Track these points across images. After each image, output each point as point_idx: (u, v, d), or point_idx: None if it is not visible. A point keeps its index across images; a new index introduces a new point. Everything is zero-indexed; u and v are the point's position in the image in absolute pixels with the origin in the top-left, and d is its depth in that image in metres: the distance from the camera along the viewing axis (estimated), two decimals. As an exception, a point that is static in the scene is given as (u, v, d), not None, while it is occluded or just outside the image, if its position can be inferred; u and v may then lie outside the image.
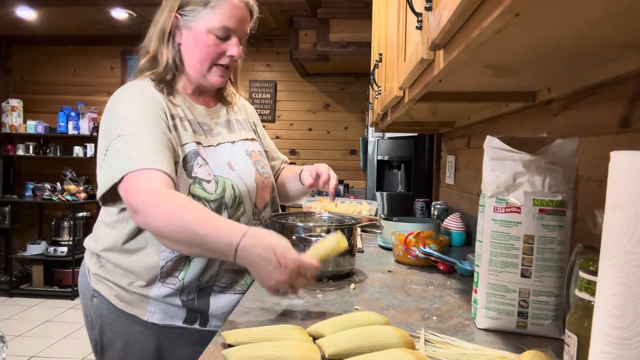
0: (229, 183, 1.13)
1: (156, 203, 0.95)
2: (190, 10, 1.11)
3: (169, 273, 1.09)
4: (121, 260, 1.10)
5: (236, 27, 1.12)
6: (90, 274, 1.15)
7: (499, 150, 0.88)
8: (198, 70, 1.14)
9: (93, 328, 1.14)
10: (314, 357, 0.69)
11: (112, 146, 1.02)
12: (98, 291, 1.13)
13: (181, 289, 1.10)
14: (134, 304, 1.10)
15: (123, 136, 1.02)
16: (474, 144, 2.01)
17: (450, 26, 0.64)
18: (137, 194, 0.96)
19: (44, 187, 4.71)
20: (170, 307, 1.10)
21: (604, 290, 0.42)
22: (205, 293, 1.12)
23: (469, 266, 1.30)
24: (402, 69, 1.13)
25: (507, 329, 0.87)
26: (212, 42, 1.11)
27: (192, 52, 1.12)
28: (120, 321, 1.10)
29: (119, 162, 0.99)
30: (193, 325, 1.11)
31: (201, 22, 1.10)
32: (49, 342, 3.53)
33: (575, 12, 0.57)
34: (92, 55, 5.17)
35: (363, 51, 3.89)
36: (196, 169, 1.09)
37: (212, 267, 1.11)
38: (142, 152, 1.00)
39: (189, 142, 1.11)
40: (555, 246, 0.83)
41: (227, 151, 1.19)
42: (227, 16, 1.10)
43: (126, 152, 1.00)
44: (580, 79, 0.99)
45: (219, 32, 1.10)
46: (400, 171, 3.56)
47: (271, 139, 1.50)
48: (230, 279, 1.15)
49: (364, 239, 1.89)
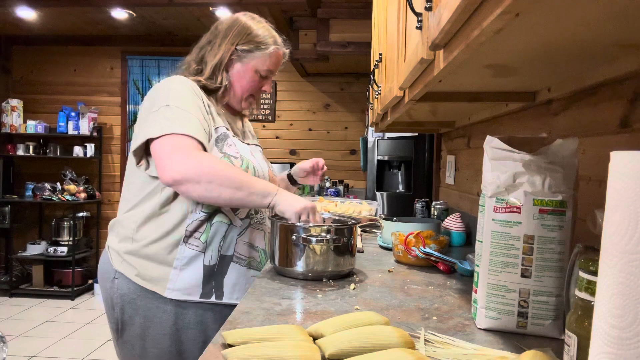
0: (251, 164, 1.30)
1: (208, 156, 1.16)
2: (248, 50, 1.33)
3: (191, 233, 1.22)
4: (153, 224, 1.22)
5: (275, 70, 1.39)
6: (114, 256, 1.26)
7: (499, 150, 0.88)
8: (239, 96, 1.37)
9: (114, 308, 1.24)
10: (314, 357, 0.69)
11: (158, 111, 1.18)
12: (120, 272, 1.23)
13: (204, 251, 1.23)
14: (154, 281, 1.21)
15: (171, 106, 1.18)
16: (474, 144, 2.01)
17: (450, 26, 0.64)
18: (179, 151, 1.13)
19: (44, 187, 4.71)
20: (189, 283, 1.22)
21: (604, 290, 0.42)
22: (226, 261, 1.26)
23: (469, 266, 1.30)
24: (402, 69, 1.13)
25: (507, 329, 0.87)
26: (257, 79, 1.36)
27: (240, 82, 1.35)
28: (140, 298, 1.21)
29: (162, 123, 1.16)
30: (209, 299, 1.24)
31: (253, 62, 1.34)
32: (49, 342, 3.53)
33: (575, 12, 0.57)
34: (92, 55, 5.17)
35: (363, 51, 3.89)
36: (226, 147, 1.27)
37: (230, 234, 1.27)
38: (184, 121, 1.17)
39: (221, 126, 1.29)
40: (555, 246, 0.83)
41: (246, 146, 1.38)
42: (273, 63, 1.36)
43: (170, 117, 1.16)
44: (580, 79, 0.99)
45: (264, 73, 1.36)
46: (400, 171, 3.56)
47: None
48: (246, 252, 1.30)
49: (364, 239, 1.89)
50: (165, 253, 1.22)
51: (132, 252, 1.23)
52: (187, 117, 1.18)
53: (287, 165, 4.67)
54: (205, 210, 1.23)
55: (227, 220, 1.26)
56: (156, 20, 4.38)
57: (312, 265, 1.20)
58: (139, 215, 1.24)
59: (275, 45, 1.36)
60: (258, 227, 1.34)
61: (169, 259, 1.22)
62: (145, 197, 1.24)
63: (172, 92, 1.22)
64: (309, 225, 1.20)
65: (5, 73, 5.20)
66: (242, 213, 1.29)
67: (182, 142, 1.14)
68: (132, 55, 5.10)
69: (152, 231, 1.22)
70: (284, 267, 1.23)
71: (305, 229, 1.20)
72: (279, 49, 1.37)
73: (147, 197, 1.24)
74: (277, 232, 1.23)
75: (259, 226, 1.34)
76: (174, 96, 1.20)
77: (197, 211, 1.23)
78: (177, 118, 1.16)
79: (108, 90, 5.20)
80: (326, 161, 1.76)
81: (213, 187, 1.13)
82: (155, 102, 1.21)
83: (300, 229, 1.20)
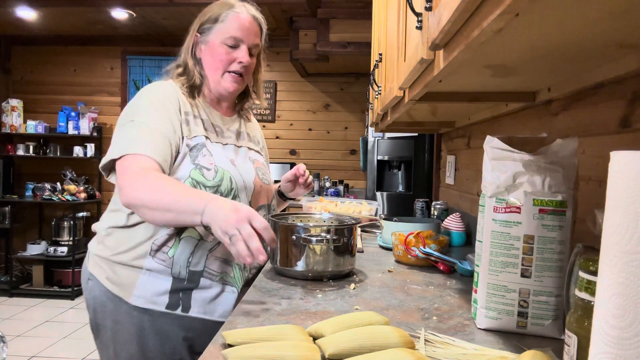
0: (227, 175, 1.22)
1: (140, 178, 1.08)
2: (207, 28, 1.28)
3: (159, 247, 1.18)
4: (122, 234, 1.21)
5: (243, 37, 1.27)
6: (90, 259, 1.26)
7: (499, 150, 0.88)
8: (213, 77, 1.28)
9: (89, 309, 1.25)
10: (314, 357, 0.69)
11: (124, 127, 1.18)
12: (93, 274, 1.23)
13: (171, 266, 1.19)
14: (121, 286, 1.19)
15: (135, 122, 1.16)
16: (474, 144, 2.01)
17: (450, 26, 0.64)
18: (124, 173, 1.10)
19: (44, 187, 4.71)
20: (156, 291, 1.18)
21: (604, 290, 0.42)
22: (196, 276, 1.20)
23: (469, 266, 1.30)
24: (402, 69, 1.13)
25: (507, 329, 0.87)
26: (224, 51, 1.26)
27: (208, 62, 1.28)
28: (109, 302, 1.19)
29: (123, 143, 1.14)
30: (175, 311, 1.18)
31: (214, 36, 1.27)
32: (49, 342, 3.53)
33: (575, 12, 0.57)
34: (92, 55, 5.17)
35: (363, 51, 3.89)
36: (200, 157, 1.21)
37: (200, 249, 1.20)
38: (144, 139, 1.13)
39: (199, 135, 1.23)
40: (555, 246, 0.83)
41: (232, 151, 1.31)
42: (234, 27, 1.26)
43: (131, 136, 1.14)
44: (580, 79, 0.99)
45: (228, 42, 1.26)
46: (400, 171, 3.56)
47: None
48: (219, 268, 1.22)
49: (364, 239, 1.89)
50: (133, 260, 1.19)
51: (103, 256, 1.22)
52: (149, 134, 1.14)
53: (287, 165, 4.67)
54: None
55: (197, 235, 1.19)
56: (156, 20, 4.38)
57: (312, 265, 1.20)
58: (111, 221, 1.24)
59: (231, 11, 1.26)
60: None
61: (137, 265, 1.19)
62: (118, 205, 1.23)
63: (142, 105, 1.20)
64: (309, 225, 1.20)
65: (5, 73, 5.20)
66: None
67: (135, 164, 1.10)
68: (132, 55, 5.10)
69: (120, 241, 1.21)
70: (284, 267, 1.23)
71: (305, 229, 1.20)
72: (238, 13, 1.26)
73: (119, 206, 1.21)
74: (277, 232, 1.23)
75: None
76: (142, 110, 1.18)
77: (165, 227, 1.19)
78: (138, 136, 1.13)
79: (108, 90, 5.20)
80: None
81: (146, 212, 1.07)
82: (126, 114, 1.20)
83: (300, 229, 1.20)
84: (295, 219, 1.39)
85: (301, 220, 1.38)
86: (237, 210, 0.96)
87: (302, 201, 2.31)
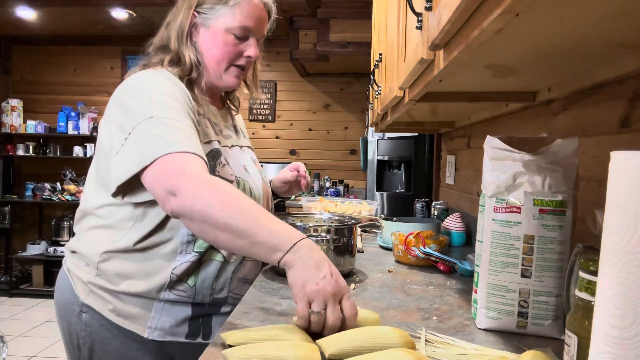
0: (247, 186, 1.11)
1: (208, 185, 0.85)
2: (209, 8, 1.06)
3: (179, 278, 1.01)
4: (127, 264, 1.00)
5: (255, 28, 1.08)
6: (79, 286, 1.03)
7: (499, 150, 0.88)
8: (215, 70, 1.09)
9: (79, 348, 1.03)
10: (314, 357, 0.69)
11: (140, 127, 0.92)
12: (89, 305, 1.01)
13: (193, 296, 1.02)
14: (132, 319, 1.00)
15: (156, 118, 0.92)
16: (474, 144, 2.01)
17: (450, 26, 0.64)
18: (180, 176, 0.86)
19: (44, 187, 4.71)
20: (174, 320, 1.02)
21: (604, 290, 0.42)
22: (219, 303, 1.06)
23: (469, 266, 1.30)
24: (402, 69, 1.13)
25: (507, 329, 0.87)
26: (231, 41, 1.07)
27: (210, 51, 1.08)
28: (115, 338, 1.00)
29: (150, 145, 0.89)
30: (196, 340, 1.04)
31: (220, 21, 1.06)
32: (49, 342, 3.53)
33: (575, 12, 0.57)
34: (92, 55, 5.17)
35: (363, 51, 3.89)
36: (219, 168, 1.04)
37: (224, 273, 1.05)
38: (179, 135, 0.91)
39: (212, 139, 1.07)
40: (555, 246, 0.83)
41: (239, 155, 1.17)
42: (246, 16, 1.06)
43: (160, 134, 0.90)
44: (580, 79, 0.99)
45: (237, 32, 1.07)
46: (400, 171, 3.56)
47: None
48: (241, 290, 1.09)
49: (364, 239, 1.89)
50: (146, 293, 1.00)
51: (102, 286, 1.01)
52: (181, 128, 0.93)
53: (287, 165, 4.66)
54: (198, 250, 1.01)
55: (220, 257, 1.04)
56: (156, 20, 4.36)
57: (312, 265, 1.20)
58: (106, 243, 1.01)
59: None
60: (251, 258, 1.12)
61: (151, 297, 1.01)
62: (115, 221, 1.00)
63: (153, 96, 0.96)
64: (309, 225, 1.19)
65: (5, 73, 5.20)
66: None
67: (178, 163, 0.88)
68: (132, 55, 5.10)
69: (125, 270, 1.00)
70: (284, 267, 1.23)
71: (305, 229, 1.20)
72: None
73: (118, 222, 1.00)
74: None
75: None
76: (157, 101, 0.95)
77: (187, 251, 1.00)
78: (167, 133, 0.91)
79: (108, 90, 5.19)
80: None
81: (207, 230, 0.84)
82: (131, 112, 0.95)
83: (300, 229, 1.20)
84: (295, 219, 1.39)
85: (301, 220, 1.38)
86: (335, 280, 0.78)
87: (302, 201, 2.31)
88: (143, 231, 1.00)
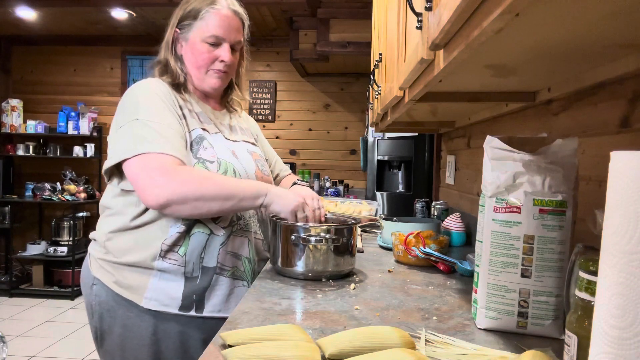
0: (230, 167, 1.23)
1: (180, 172, 1.08)
2: (187, 24, 1.25)
3: (170, 248, 1.16)
4: (126, 238, 1.17)
5: (225, 35, 1.25)
6: (92, 262, 1.22)
7: (499, 150, 0.88)
8: (197, 75, 1.27)
9: (93, 316, 1.20)
10: (314, 357, 0.69)
11: (127, 126, 1.12)
12: (98, 278, 1.19)
13: (184, 265, 1.17)
14: (131, 290, 1.16)
15: (140, 120, 1.12)
16: (474, 144, 2.01)
17: (450, 26, 0.64)
18: (156, 169, 1.07)
19: (44, 187, 4.71)
20: (168, 292, 1.16)
21: (604, 290, 0.42)
22: (209, 273, 1.19)
23: (469, 266, 1.30)
24: (402, 69, 1.13)
25: (507, 329, 0.87)
26: (205, 49, 1.24)
27: (190, 60, 1.27)
28: (119, 306, 1.16)
29: (134, 141, 1.10)
30: (189, 312, 1.17)
31: (195, 34, 1.24)
32: (49, 342, 3.53)
33: (575, 12, 0.57)
34: (92, 55, 5.17)
35: (363, 51, 3.89)
36: (201, 151, 1.20)
37: (211, 245, 1.19)
38: (157, 136, 1.10)
39: (196, 127, 1.23)
40: (555, 246, 0.83)
41: (230, 144, 1.30)
42: (215, 25, 1.23)
43: (141, 134, 1.10)
44: (580, 79, 0.99)
45: (210, 40, 1.24)
46: (400, 171, 3.56)
47: (271, 140, 1.57)
48: (230, 262, 1.22)
49: (364, 239, 1.89)
50: (142, 263, 1.16)
51: (108, 260, 1.19)
52: (160, 130, 1.11)
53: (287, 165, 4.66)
54: (185, 222, 1.16)
55: (207, 230, 1.18)
56: (156, 20, 4.38)
57: (312, 265, 1.20)
58: (110, 226, 1.19)
59: (211, 7, 1.23)
60: (241, 234, 1.25)
61: (147, 267, 1.16)
62: (119, 208, 1.19)
63: (141, 103, 1.15)
64: (308, 225, 1.20)
65: (5, 73, 5.20)
66: (223, 221, 1.21)
67: (158, 161, 1.07)
68: (132, 55, 5.10)
69: (124, 244, 1.17)
70: (284, 267, 1.23)
71: (305, 229, 1.20)
72: (218, 10, 1.23)
73: (120, 209, 1.19)
74: (278, 232, 1.23)
75: (242, 233, 1.25)
76: (144, 107, 1.14)
77: (175, 225, 1.16)
78: (149, 134, 1.10)
79: (108, 90, 5.20)
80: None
81: (201, 204, 1.08)
82: (124, 115, 1.15)
83: (300, 229, 1.20)
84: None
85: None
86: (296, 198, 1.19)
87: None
88: (137, 210, 1.17)
